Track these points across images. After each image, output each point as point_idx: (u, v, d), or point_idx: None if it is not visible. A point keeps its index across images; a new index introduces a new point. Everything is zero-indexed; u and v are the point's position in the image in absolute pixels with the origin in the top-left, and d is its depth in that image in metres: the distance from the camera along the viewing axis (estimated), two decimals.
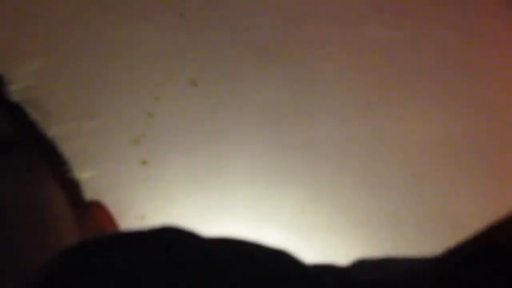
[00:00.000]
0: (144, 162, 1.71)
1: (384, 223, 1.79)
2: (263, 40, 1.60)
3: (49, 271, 0.26)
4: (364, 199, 1.76)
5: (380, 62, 1.62)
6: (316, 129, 1.68)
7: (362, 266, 0.30)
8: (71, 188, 0.44)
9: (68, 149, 0.45)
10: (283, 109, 1.66)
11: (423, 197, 1.77)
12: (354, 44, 1.61)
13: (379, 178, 1.73)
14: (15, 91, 0.46)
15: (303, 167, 1.73)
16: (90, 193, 0.48)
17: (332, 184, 1.74)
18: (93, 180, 0.50)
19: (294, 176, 1.74)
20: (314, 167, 1.73)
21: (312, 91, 1.65)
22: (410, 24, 1.59)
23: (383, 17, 1.58)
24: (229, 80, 1.63)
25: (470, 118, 1.67)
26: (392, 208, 1.77)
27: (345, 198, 1.75)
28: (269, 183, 1.75)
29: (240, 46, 1.60)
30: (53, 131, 0.45)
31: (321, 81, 1.64)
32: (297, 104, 1.66)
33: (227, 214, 1.79)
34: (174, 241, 0.27)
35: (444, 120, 1.67)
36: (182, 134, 1.68)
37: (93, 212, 0.46)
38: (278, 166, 1.73)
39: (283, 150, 1.71)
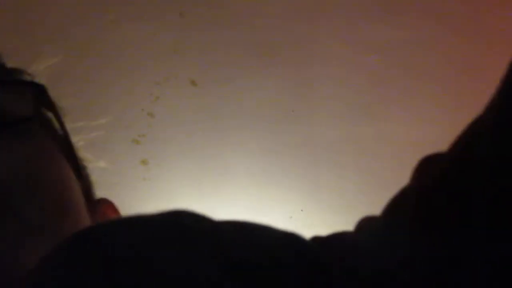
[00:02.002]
0: (144, 162, 1.71)
1: None
2: (263, 40, 1.60)
3: (58, 257, 0.26)
4: (364, 199, 1.76)
5: (380, 62, 1.62)
6: (316, 129, 1.68)
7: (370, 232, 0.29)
8: (84, 181, 0.43)
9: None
10: (283, 109, 1.66)
11: None
12: (354, 44, 1.61)
13: (378, 178, 1.74)
14: None
15: (303, 167, 1.73)
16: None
17: (332, 184, 1.74)
18: (93, 180, 0.50)
19: (294, 176, 1.74)
20: (314, 167, 1.73)
21: (312, 91, 1.65)
22: (410, 24, 1.59)
23: (384, 17, 1.58)
24: (229, 80, 1.63)
25: (470, 118, 1.67)
26: None
27: (345, 198, 1.76)
28: (268, 183, 1.75)
29: (240, 46, 1.60)
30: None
31: (321, 81, 1.64)
32: (297, 104, 1.66)
33: (226, 213, 1.79)
34: (182, 223, 0.27)
35: (444, 120, 1.67)
36: (182, 134, 1.68)
37: (102, 210, 0.46)
38: (278, 166, 1.73)
39: (283, 150, 1.71)
